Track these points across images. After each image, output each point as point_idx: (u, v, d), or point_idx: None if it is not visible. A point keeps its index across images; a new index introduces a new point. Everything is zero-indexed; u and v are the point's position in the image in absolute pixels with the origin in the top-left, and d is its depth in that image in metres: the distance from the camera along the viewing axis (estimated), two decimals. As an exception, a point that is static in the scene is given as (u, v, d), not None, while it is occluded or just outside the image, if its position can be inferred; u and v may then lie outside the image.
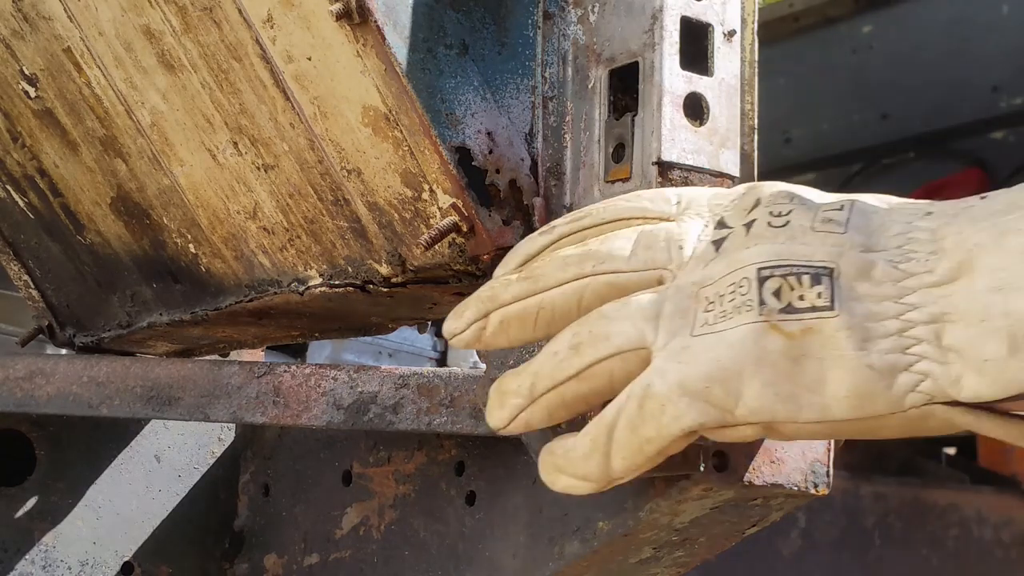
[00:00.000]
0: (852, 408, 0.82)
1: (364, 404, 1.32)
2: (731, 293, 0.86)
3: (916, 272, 0.81)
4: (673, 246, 0.92)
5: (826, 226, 0.85)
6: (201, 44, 1.30)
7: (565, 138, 1.15)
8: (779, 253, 0.84)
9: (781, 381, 0.83)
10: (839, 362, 0.81)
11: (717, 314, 0.86)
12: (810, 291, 0.83)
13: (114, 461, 1.64)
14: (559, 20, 1.17)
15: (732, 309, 0.85)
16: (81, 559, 1.60)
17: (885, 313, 0.81)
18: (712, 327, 0.86)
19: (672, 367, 0.87)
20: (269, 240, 1.36)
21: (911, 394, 0.80)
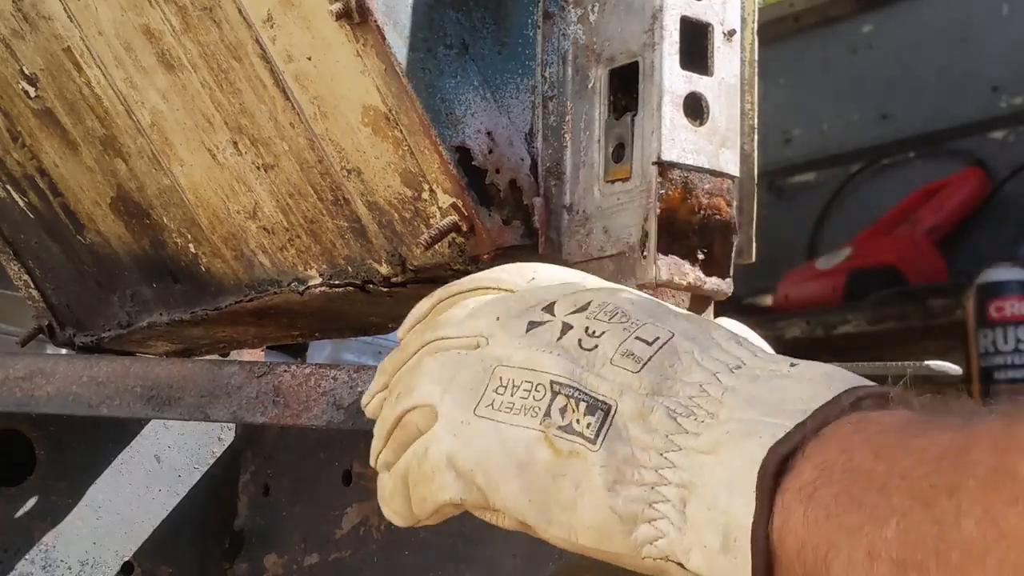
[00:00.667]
0: (593, 540, 0.84)
1: (364, 404, 1.32)
2: (524, 391, 0.88)
3: (689, 430, 0.81)
4: (492, 316, 0.94)
5: (624, 361, 0.86)
6: (201, 44, 1.30)
7: (565, 138, 1.15)
8: (573, 375, 0.86)
9: (537, 492, 0.85)
10: (589, 495, 0.83)
11: (505, 402, 0.88)
12: (583, 419, 0.85)
13: (114, 461, 1.63)
14: (559, 20, 1.17)
15: (520, 407, 0.87)
16: (81, 559, 1.60)
17: (645, 462, 0.82)
18: (495, 414, 0.88)
19: (447, 439, 0.90)
20: (269, 240, 1.36)
21: (648, 546, 0.81)
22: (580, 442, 0.84)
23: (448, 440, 0.89)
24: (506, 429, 0.87)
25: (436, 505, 0.92)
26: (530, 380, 0.88)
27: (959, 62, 3.76)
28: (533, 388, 0.87)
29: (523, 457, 0.86)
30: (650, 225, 1.07)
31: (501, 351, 0.91)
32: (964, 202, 3.66)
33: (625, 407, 0.83)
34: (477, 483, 0.88)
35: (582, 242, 1.13)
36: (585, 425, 0.84)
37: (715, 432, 0.80)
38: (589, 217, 1.13)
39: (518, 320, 0.91)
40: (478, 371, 0.91)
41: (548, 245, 1.14)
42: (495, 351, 0.91)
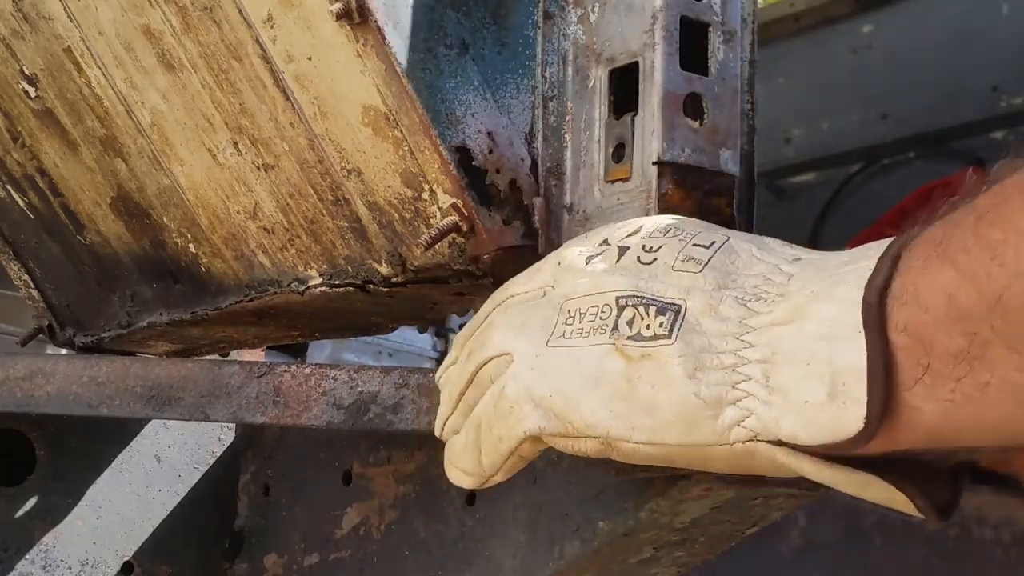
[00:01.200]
0: (679, 434, 0.84)
1: (364, 404, 1.32)
2: (592, 315, 0.91)
3: (761, 312, 0.83)
4: (554, 263, 0.98)
5: (685, 265, 0.88)
6: (201, 44, 1.30)
7: (565, 138, 1.15)
8: (638, 287, 0.89)
9: (617, 401, 0.87)
10: (669, 388, 0.84)
11: (575, 329, 0.91)
12: (654, 321, 0.87)
13: (114, 461, 1.64)
14: (559, 20, 1.16)
15: (589, 329, 0.90)
16: (81, 559, 1.60)
17: (723, 348, 0.83)
18: (567, 341, 0.91)
19: (524, 373, 0.92)
20: (269, 240, 1.36)
21: (736, 428, 0.82)
22: (652, 344, 0.86)
23: (525, 374, 0.92)
24: (578, 351, 0.89)
25: (515, 441, 0.92)
26: (595, 304, 0.91)
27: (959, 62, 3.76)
28: (599, 310, 0.90)
29: (596, 372, 0.88)
30: (650, 225, 1.07)
31: (567, 289, 0.93)
32: (964, 202, 3.66)
33: (694, 304, 0.85)
34: (556, 409, 0.89)
35: (582, 242, 1.13)
36: (657, 325, 0.86)
37: (792, 302, 0.81)
38: (589, 217, 1.13)
39: (578, 259, 0.95)
40: (547, 311, 0.94)
41: (548, 245, 1.14)
42: (561, 291, 0.94)
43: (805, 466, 0.81)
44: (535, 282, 0.97)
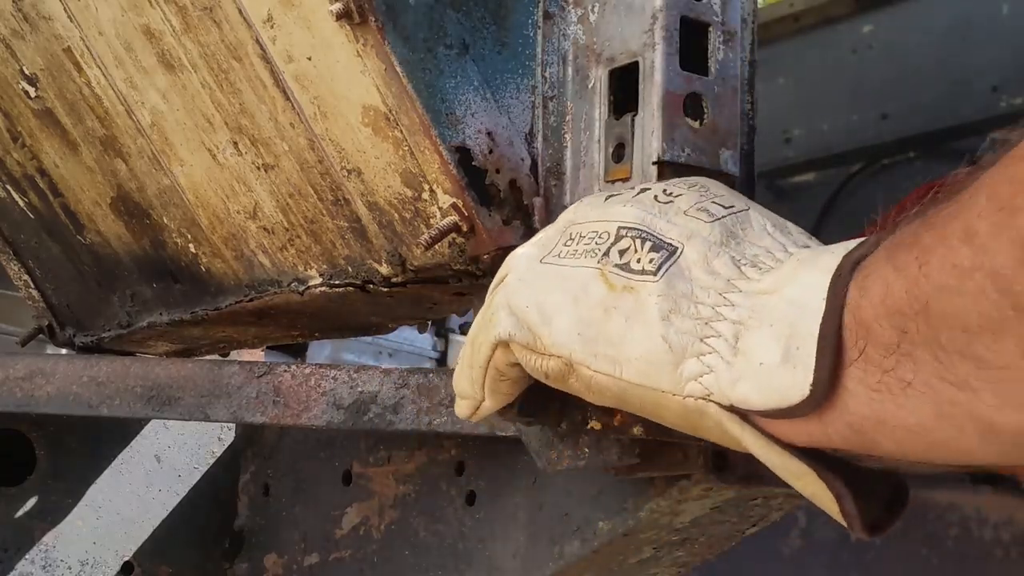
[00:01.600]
0: (638, 373, 0.84)
1: (364, 404, 1.32)
2: (589, 239, 0.91)
3: (752, 278, 0.83)
4: (579, 202, 0.99)
5: (699, 213, 0.89)
6: (201, 44, 1.30)
7: (565, 138, 1.15)
8: (643, 220, 0.89)
9: (588, 325, 0.87)
10: (640, 325, 0.84)
11: (570, 251, 0.92)
12: (645, 256, 0.87)
13: (114, 461, 1.64)
14: (559, 20, 1.16)
15: (582, 252, 0.91)
16: (81, 559, 1.60)
17: (703, 300, 0.83)
18: (558, 260, 0.92)
19: (512, 283, 0.93)
20: (269, 240, 1.36)
21: (692, 383, 0.82)
22: (637, 278, 0.86)
23: (512, 283, 0.93)
24: (566, 271, 0.90)
25: (488, 348, 0.93)
26: (596, 229, 0.91)
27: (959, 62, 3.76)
28: (598, 235, 0.91)
29: (577, 292, 0.88)
30: (650, 225, 1.07)
31: (578, 216, 0.94)
32: (964, 202, 3.66)
33: (690, 251, 0.86)
34: (529, 320, 0.90)
35: (582, 242, 1.13)
36: (648, 260, 0.86)
37: (781, 271, 0.81)
38: (589, 217, 1.13)
39: (599, 197, 0.96)
40: (552, 233, 0.95)
41: (548, 245, 1.14)
42: (571, 217, 0.95)
43: (747, 438, 0.81)
44: (559, 223, 0.97)
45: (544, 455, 1.14)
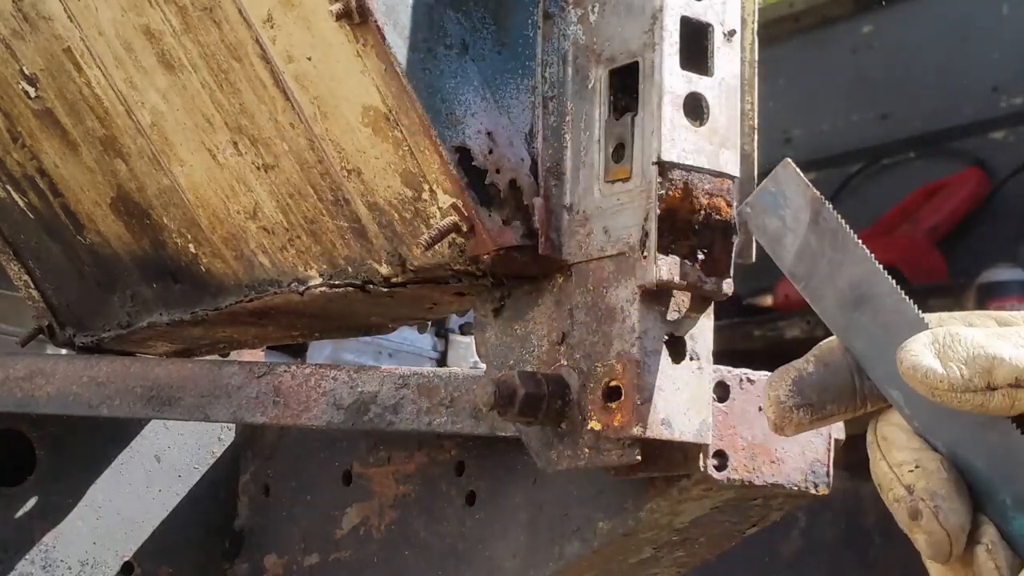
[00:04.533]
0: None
1: (364, 404, 1.32)
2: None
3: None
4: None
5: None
6: (201, 44, 1.30)
7: (565, 138, 1.15)
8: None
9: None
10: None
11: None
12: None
13: (114, 461, 1.63)
14: (559, 20, 1.16)
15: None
16: (81, 559, 1.60)
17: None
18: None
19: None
20: (269, 240, 1.36)
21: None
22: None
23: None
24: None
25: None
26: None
27: (959, 62, 3.76)
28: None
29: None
30: (650, 225, 1.07)
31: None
32: (964, 202, 3.66)
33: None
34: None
35: (582, 242, 1.13)
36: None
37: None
38: (589, 217, 1.13)
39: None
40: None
41: (548, 245, 1.14)
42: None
43: None
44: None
45: (544, 455, 1.14)
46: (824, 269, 1.00)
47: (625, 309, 1.09)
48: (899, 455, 0.93)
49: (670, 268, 1.07)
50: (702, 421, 1.09)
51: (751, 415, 1.15)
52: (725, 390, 1.14)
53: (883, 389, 0.95)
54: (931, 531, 0.89)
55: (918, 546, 0.90)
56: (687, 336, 1.10)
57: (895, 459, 0.93)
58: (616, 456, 1.09)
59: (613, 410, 1.08)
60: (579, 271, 1.13)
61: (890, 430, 0.95)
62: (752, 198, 1.03)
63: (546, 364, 1.15)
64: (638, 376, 1.07)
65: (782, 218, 1.02)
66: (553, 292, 1.16)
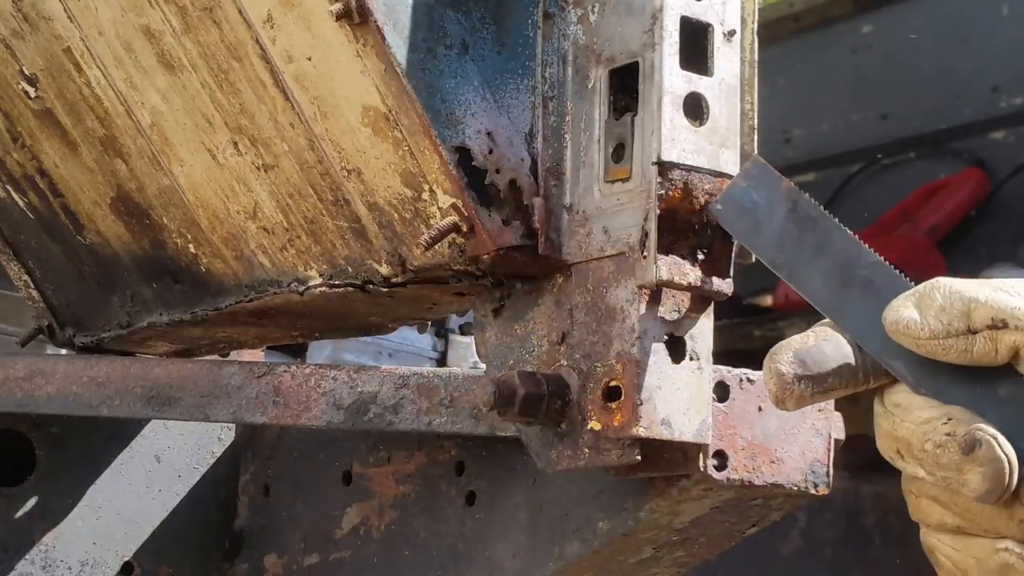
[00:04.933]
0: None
1: (364, 404, 1.32)
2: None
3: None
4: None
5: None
6: (201, 44, 1.30)
7: (565, 138, 1.15)
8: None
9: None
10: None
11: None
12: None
13: (114, 461, 1.63)
14: (559, 20, 1.17)
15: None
16: (81, 559, 1.60)
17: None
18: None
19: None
20: (269, 240, 1.36)
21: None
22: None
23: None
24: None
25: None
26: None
27: (959, 62, 3.76)
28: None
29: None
30: (650, 225, 1.07)
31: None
32: (964, 202, 3.66)
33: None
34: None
35: (582, 242, 1.13)
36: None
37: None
38: (589, 217, 1.13)
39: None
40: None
41: (548, 245, 1.14)
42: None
43: None
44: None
45: (544, 455, 1.14)
46: (807, 255, 1.01)
47: (625, 309, 1.09)
48: (923, 413, 0.93)
49: (670, 268, 1.07)
50: (702, 421, 1.09)
51: (751, 415, 1.15)
52: (725, 390, 1.14)
53: (884, 362, 0.96)
54: (992, 458, 0.89)
55: (969, 488, 0.90)
56: (687, 336, 1.10)
57: (921, 416, 0.93)
58: (616, 456, 1.09)
59: (613, 410, 1.08)
60: (579, 271, 1.13)
61: (902, 396, 0.95)
62: (722, 195, 1.05)
63: (546, 364, 1.15)
64: (638, 376, 1.07)
65: (755, 212, 1.03)
66: (553, 292, 1.16)
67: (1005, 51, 3.68)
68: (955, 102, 3.74)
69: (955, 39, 3.77)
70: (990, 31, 3.73)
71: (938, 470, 0.91)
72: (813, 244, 1.01)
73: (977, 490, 0.90)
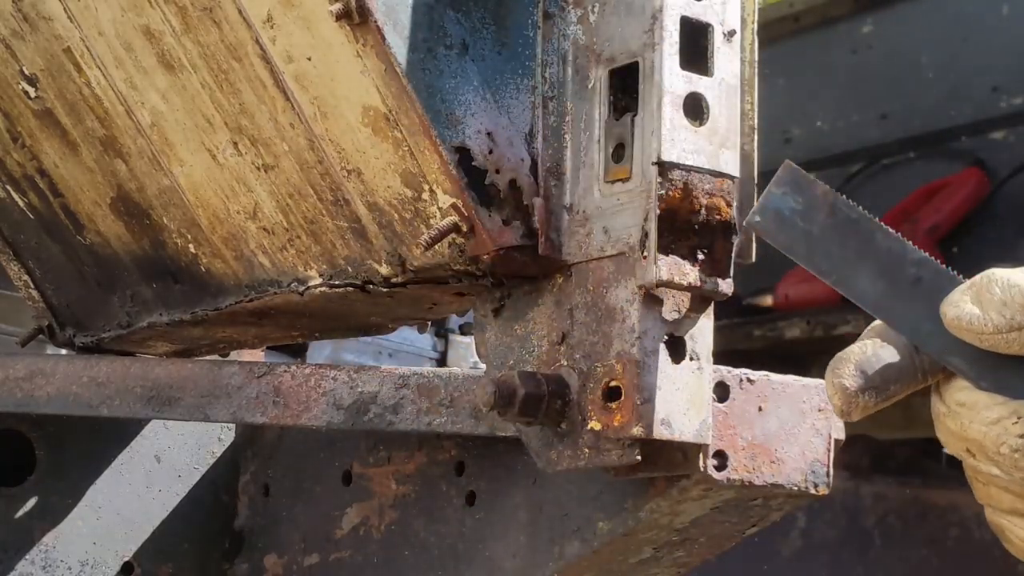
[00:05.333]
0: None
1: (364, 404, 1.32)
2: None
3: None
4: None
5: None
6: (201, 44, 1.30)
7: (565, 138, 1.15)
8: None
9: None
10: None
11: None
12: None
13: (114, 461, 1.64)
14: (559, 20, 1.17)
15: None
16: (81, 559, 1.60)
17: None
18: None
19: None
20: (269, 240, 1.36)
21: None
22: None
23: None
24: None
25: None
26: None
27: (959, 62, 3.75)
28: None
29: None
30: (650, 225, 1.07)
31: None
32: (964, 202, 3.66)
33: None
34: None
35: (582, 242, 1.13)
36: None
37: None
38: (589, 217, 1.13)
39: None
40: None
41: (548, 245, 1.14)
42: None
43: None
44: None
45: (544, 455, 1.14)
46: (851, 259, 1.00)
47: (625, 309, 1.09)
48: (991, 412, 0.94)
49: (670, 268, 1.07)
50: (702, 421, 1.09)
51: (751, 415, 1.15)
52: (725, 390, 1.14)
53: (943, 360, 0.96)
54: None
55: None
56: (687, 336, 1.10)
57: (990, 417, 0.94)
58: (616, 456, 1.09)
59: (613, 410, 1.08)
60: (579, 271, 1.13)
61: (966, 394, 0.95)
62: (759, 205, 1.03)
63: (546, 364, 1.15)
64: (638, 376, 1.07)
65: (795, 220, 1.02)
66: (553, 292, 1.16)
67: (1005, 51, 3.68)
68: (955, 102, 3.74)
69: (955, 39, 3.77)
70: (990, 31, 3.73)
71: (1017, 472, 0.92)
72: (856, 247, 1.00)
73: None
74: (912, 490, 3.21)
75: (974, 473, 0.97)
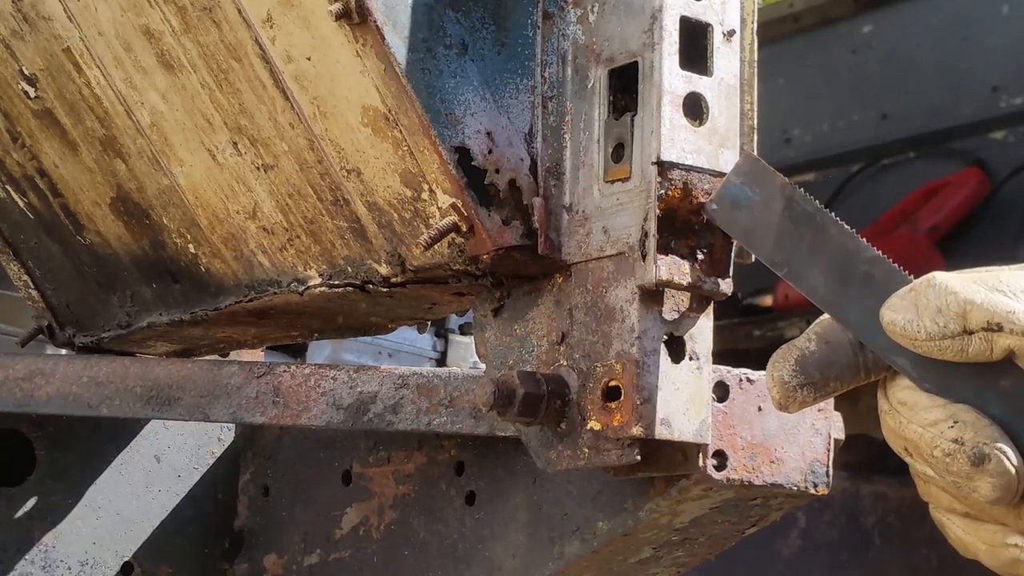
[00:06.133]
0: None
1: (364, 404, 1.32)
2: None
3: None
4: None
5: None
6: (201, 44, 1.30)
7: (565, 138, 1.15)
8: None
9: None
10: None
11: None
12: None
13: (114, 461, 1.63)
14: (559, 20, 1.17)
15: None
16: (81, 559, 1.60)
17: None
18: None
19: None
20: (269, 240, 1.36)
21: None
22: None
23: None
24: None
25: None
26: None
27: (959, 62, 3.75)
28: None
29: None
30: (650, 225, 1.07)
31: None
32: (964, 202, 3.66)
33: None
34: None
35: (582, 242, 1.13)
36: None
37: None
38: (589, 217, 1.13)
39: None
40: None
41: (548, 245, 1.14)
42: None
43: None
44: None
45: (544, 455, 1.14)
46: (804, 252, 1.01)
47: (624, 309, 1.09)
48: (929, 415, 0.94)
49: (670, 268, 1.07)
50: (702, 421, 1.09)
51: (751, 415, 1.15)
52: (725, 390, 1.14)
53: (887, 359, 0.96)
54: (1001, 471, 0.90)
55: (979, 494, 0.91)
56: (687, 336, 1.10)
57: (927, 419, 0.94)
58: (616, 456, 1.09)
59: (613, 410, 1.08)
60: (579, 271, 1.13)
61: (907, 394, 0.95)
62: (717, 193, 1.04)
63: (546, 364, 1.15)
64: (637, 376, 1.07)
65: (751, 209, 1.03)
66: (553, 292, 1.16)
67: (1005, 51, 3.68)
68: (955, 102, 3.74)
69: (955, 39, 3.77)
70: (990, 31, 3.73)
71: (947, 475, 0.92)
72: (811, 240, 1.01)
73: (988, 496, 0.91)
74: (912, 490, 3.21)
75: (914, 472, 0.97)
